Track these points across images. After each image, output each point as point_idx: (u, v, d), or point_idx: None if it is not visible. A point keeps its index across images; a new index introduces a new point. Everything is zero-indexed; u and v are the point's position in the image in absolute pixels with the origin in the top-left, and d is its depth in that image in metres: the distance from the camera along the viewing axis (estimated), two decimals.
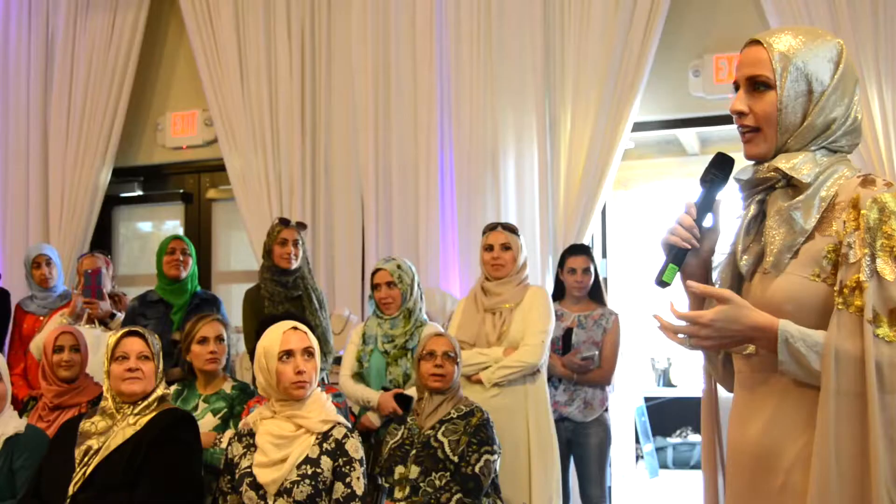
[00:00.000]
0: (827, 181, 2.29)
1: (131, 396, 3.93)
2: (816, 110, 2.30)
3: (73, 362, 4.90)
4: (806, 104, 2.31)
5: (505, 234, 5.29)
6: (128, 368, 3.93)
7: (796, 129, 2.32)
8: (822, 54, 2.32)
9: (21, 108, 8.20)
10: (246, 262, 7.73)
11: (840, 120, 2.32)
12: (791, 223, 2.28)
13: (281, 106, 7.32)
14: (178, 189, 8.24)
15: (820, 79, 2.30)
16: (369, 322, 5.39)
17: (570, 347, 5.56)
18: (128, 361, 3.94)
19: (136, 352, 3.96)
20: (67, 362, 4.88)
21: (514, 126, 6.71)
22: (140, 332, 4.04)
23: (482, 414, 4.53)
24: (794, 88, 2.31)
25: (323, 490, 3.67)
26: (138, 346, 3.98)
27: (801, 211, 2.27)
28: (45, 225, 8.04)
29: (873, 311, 2.12)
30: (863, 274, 2.14)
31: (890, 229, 2.15)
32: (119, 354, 3.95)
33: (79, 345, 4.95)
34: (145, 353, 3.98)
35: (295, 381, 3.77)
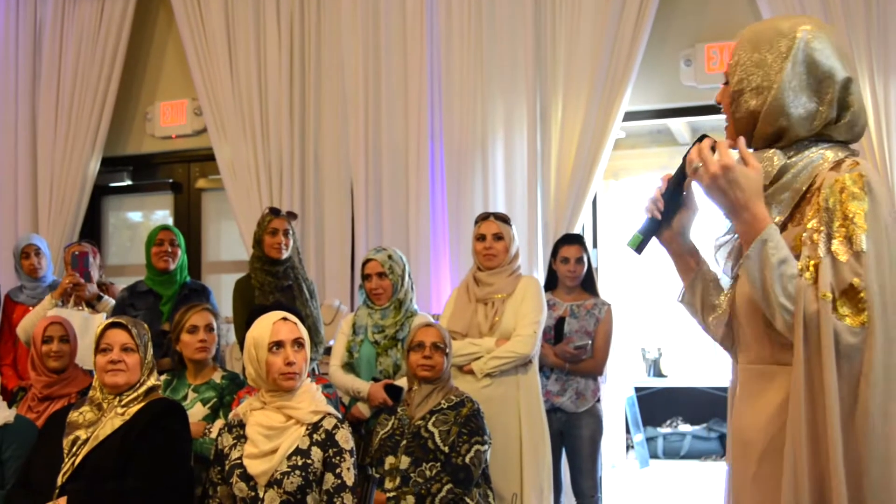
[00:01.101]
0: (802, 172, 2.27)
1: (114, 388, 3.90)
2: (765, 109, 2.29)
3: (62, 352, 4.88)
4: (752, 100, 2.31)
5: (497, 223, 5.28)
6: (110, 360, 3.90)
7: (751, 125, 2.34)
8: (770, 48, 2.30)
9: (9, 97, 8.16)
10: (236, 252, 7.72)
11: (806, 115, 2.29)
12: None
13: (270, 95, 7.30)
14: (167, 179, 8.22)
15: (767, 74, 2.29)
16: (359, 312, 5.38)
17: (563, 337, 5.55)
18: (111, 353, 3.91)
19: (120, 343, 3.93)
20: (56, 353, 4.86)
21: (504, 115, 6.70)
22: (124, 324, 4.01)
23: (472, 404, 4.52)
24: (741, 84, 2.33)
25: (313, 481, 3.66)
26: (122, 338, 3.95)
27: (770, 205, 2.26)
28: (34, 215, 8.01)
29: (831, 289, 2.10)
30: (819, 253, 2.13)
31: (847, 210, 2.14)
32: (104, 346, 3.93)
33: (68, 335, 4.93)
34: (129, 345, 3.94)
35: (285, 372, 3.76)
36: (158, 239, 5.88)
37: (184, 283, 5.90)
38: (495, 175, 6.69)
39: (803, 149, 2.30)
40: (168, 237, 5.89)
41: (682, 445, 9.64)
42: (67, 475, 3.74)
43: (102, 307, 5.96)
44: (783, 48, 2.29)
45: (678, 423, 9.81)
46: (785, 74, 2.27)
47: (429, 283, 6.72)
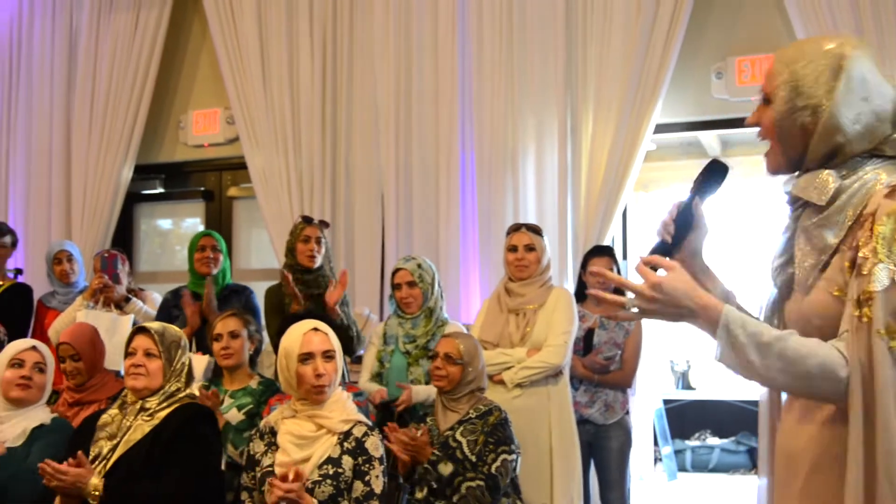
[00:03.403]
0: (856, 195, 2.23)
1: (135, 392, 3.94)
2: (819, 129, 2.27)
3: (78, 370, 4.86)
4: (804, 119, 2.28)
5: (529, 235, 5.28)
6: (133, 364, 3.95)
7: (800, 145, 2.31)
8: (817, 67, 2.27)
9: (44, 105, 8.24)
10: (266, 261, 7.75)
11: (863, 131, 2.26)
12: (815, 241, 2.26)
13: (302, 104, 7.33)
14: (199, 187, 8.27)
15: (816, 93, 2.26)
16: (390, 322, 5.39)
17: (592, 348, 5.55)
18: (134, 357, 3.95)
19: (143, 348, 3.97)
20: (71, 372, 4.88)
21: (535, 127, 6.71)
22: (149, 330, 4.04)
23: (500, 413, 4.51)
24: (789, 105, 2.29)
25: (344, 489, 3.67)
26: (145, 344, 3.98)
27: (825, 228, 2.24)
28: (67, 221, 8.07)
29: (885, 322, 2.06)
30: (873, 285, 2.08)
31: None
32: (130, 350, 3.98)
33: (79, 353, 4.86)
34: (152, 351, 3.97)
35: (315, 384, 3.77)
36: (200, 245, 5.93)
37: (225, 286, 5.94)
38: (525, 186, 6.69)
39: (857, 167, 2.27)
40: (210, 243, 5.95)
41: (710, 458, 9.60)
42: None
43: (131, 309, 6.03)
44: (833, 66, 2.26)
45: (707, 436, 9.77)
46: (838, 92, 2.24)
47: (458, 293, 6.72)
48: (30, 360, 4.36)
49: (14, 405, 4.30)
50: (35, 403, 4.37)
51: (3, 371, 4.32)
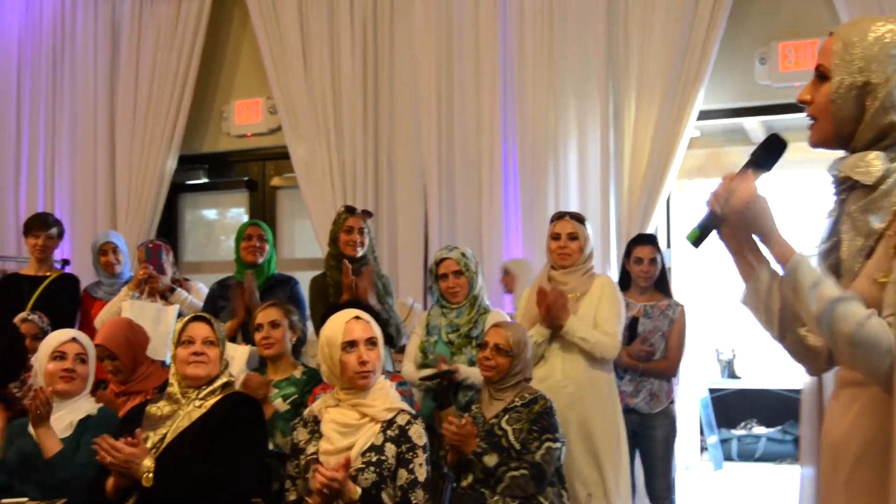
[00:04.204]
0: None
1: (196, 380, 3.95)
2: (876, 106, 2.25)
3: (117, 368, 4.88)
4: (862, 98, 2.26)
5: (572, 223, 5.24)
6: (193, 352, 3.96)
7: (853, 123, 2.28)
8: (878, 45, 2.25)
9: (88, 97, 8.31)
10: (310, 250, 7.77)
11: None
12: (860, 226, 2.23)
13: (344, 94, 7.34)
14: (242, 177, 8.31)
15: (879, 73, 2.24)
16: (432, 312, 5.37)
17: (636, 336, 5.52)
18: (193, 346, 3.97)
19: (202, 337, 3.99)
20: (112, 371, 4.92)
21: (577, 114, 6.68)
22: (206, 318, 4.07)
23: (545, 402, 4.50)
24: (848, 81, 2.27)
25: (388, 477, 3.67)
26: (204, 332, 4.00)
27: (870, 213, 2.22)
28: (112, 212, 8.15)
29: None
30: None
31: None
32: (185, 339, 3.99)
33: (115, 352, 4.87)
34: (210, 339, 4.00)
35: (359, 371, 3.77)
36: (247, 234, 5.96)
37: (270, 276, 5.96)
38: (568, 175, 6.67)
39: None
40: (256, 232, 5.98)
41: (756, 448, 9.54)
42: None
43: (176, 299, 6.07)
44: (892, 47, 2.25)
45: (753, 426, 9.72)
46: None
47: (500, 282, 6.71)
48: (71, 351, 4.39)
49: (59, 397, 4.33)
50: (79, 394, 4.40)
51: (46, 363, 4.35)
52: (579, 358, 5.04)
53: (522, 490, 4.27)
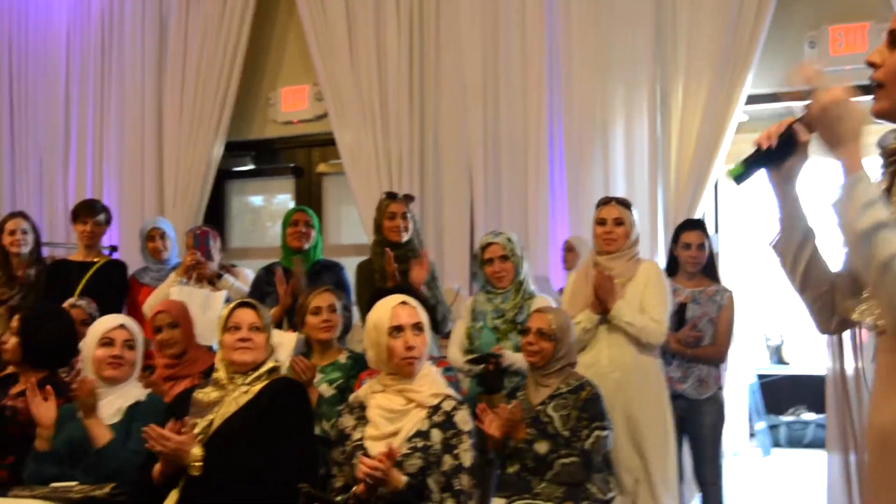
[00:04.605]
0: None
1: (242, 366, 3.97)
2: None
3: (175, 339, 4.98)
4: None
5: (618, 208, 5.20)
6: (240, 338, 3.97)
7: None
8: None
9: (136, 84, 8.36)
10: (356, 236, 7.78)
11: None
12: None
13: (390, 80, 7.34)
14: (289, 163, 8.34)
15: None
16: (478, 298, 5.35)
17: (685, 322, 5.48)
18: (240, 332, 3.98)
19: (248, 323, 4.00)
20: (168, 340, 4.97)
21: (624, 99, 6.64)
22: (252, 304, 4.09)
23: (592, 388, 4.47)
24: None
25: (434, 463, 3.67)
26: (250, 318, 4.02)
27: None
28: (159, 199, 8.21)
29: None
30: None
31: None
32: (231, 325, 4.00)
33: (176, 320, 5.01)
34: (257, 325, 4.01)
35: (405, 356, 3.77)
36: (293, 220, 5.98)
37: (316, 262, 5.98)
38: (615, 160, 6.64)
39: None
40: (303, 218, 5.99)
41: (805, 434, 9.48)
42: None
43: (223, 285, 6.08)
44: None
45: (801, 412, 9.64)
46: None
47: (547, 267, 6.69)
48: (119, 338, 4.41)
49: (107, 383, 4.37)
50: (127, 380, 4.43)
51: (94, 350, 4.39)
52: (626, 344, 5.00)
53: (572, 477, 4.26)
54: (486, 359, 4.95)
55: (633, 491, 4.92)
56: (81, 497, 3.99)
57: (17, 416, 4.47)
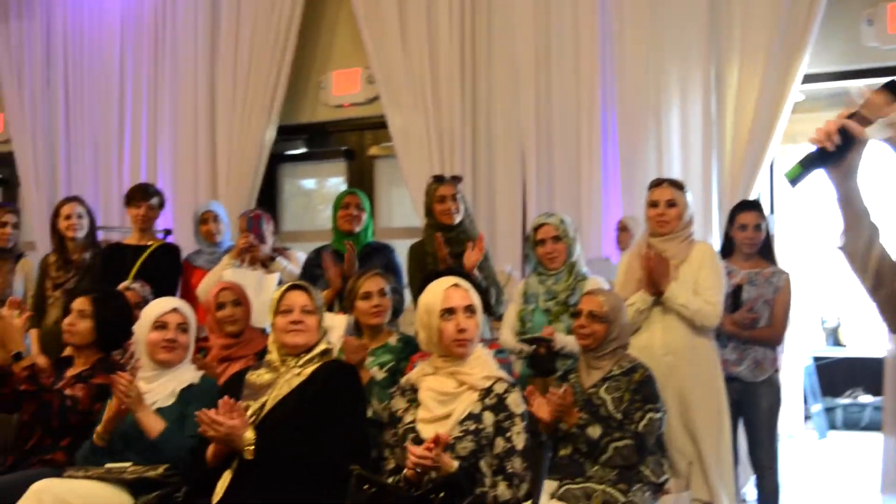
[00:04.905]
0: None
1: (294, 348, 3.99)
2: None
3: (237, 316, 5.04)
4: None
5: (670, 189, 5.15)
6: (292, 321, 3.99)
7: None
8: None
9: (189, 69, 8.41)
10: (407, 219, 7.78)
11: None
12: None
13: (441, 62, 7.31)
14: (340, 146, 8.35)
15: None
16: (529, 280, 5.33)
17: (740, 304, 5.42)
18: (292, 314, 4.00)
19: (300, 305, 4.02)
20: (230, 317, 5.03)
21: (678, 80, 6.58)
22: (304, 287, 4.10)
23: (645, 370, 4.45)
24: None
25: (486, 445, 3.66)
26: (302, 300, 4.04)
27: None
28: (213, 182, 8.26)
29: None
30: None
31: None
32: (284, 307, 4.03)
33: (240, 299, 5.07)
34: (308, 307, 4.03)
35: (457, 338, 3.76)
36: (345, 202, 5.99)
37: (367, 244, 5.99)
38: (669, 141, 6.58)
39: None
40: (354, 201, 6.01)
41: (861, 417, 9.39)
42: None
43: (276, 268, 6.11)
44: None
45: (858, 394, 9.54)
46: None
47: (600, 249, 6.65)
48: (172, 321, 4.43)
49: (161, 366, 4.40)
50: (180, 363, 4.46)
51: (148, 333, 4.42)
52: (680, 326, 4.96)
53: (625, 460, 4.24)
54: (537, 341, 4.94)
55: (686, 474, 4.89)
56: (135, 478, 4.03)
57: (77, 406, 4.51)
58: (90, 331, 4.79)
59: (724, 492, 4.96)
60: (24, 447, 4.57)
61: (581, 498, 4.11)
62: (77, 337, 4.78)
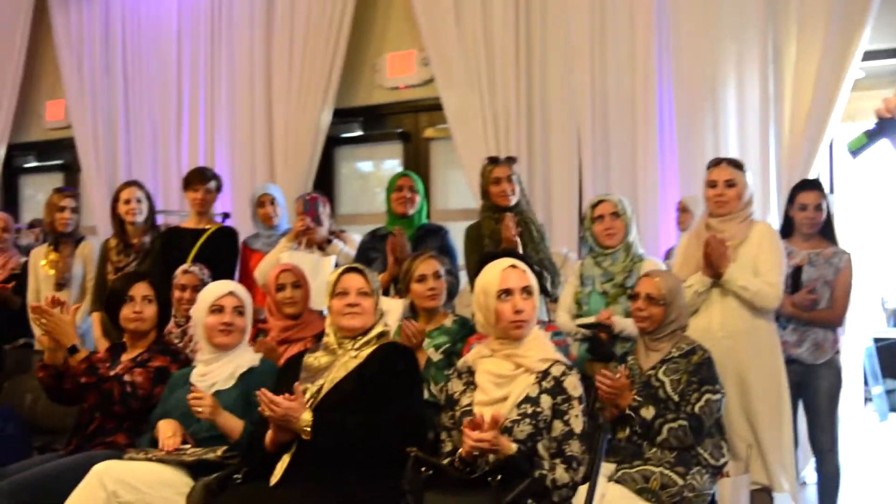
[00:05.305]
0: None
1: (351, 331, 4.01)
2: None
3: (296, 298, 5.07)
4: None
5: (730, 169, 5.09)
6: (348, 304, 4.01)
7: None
8: None
9: (245, 53, 8.46)
10: (463, 201, 7.77)
11: None
12: None
13: (496, 43, 7.29)
14: (396, 129, 8.35)
15: None
16: (585, 262, 5.30)
17: (800, 285, 5.36)
18: (348, 297, 4.02)
19: (356, 288, 4.04)
20: (290, 299, 5.06)
21: (735, 57, 6.51)
22: (360, 269, 4.11)
23: (703, 352, 4.41)
24: None
25: (543, 429, 3.65)
26: (358, 283, 4.06)
27: None
28: (270, 166, 8.31)
29: None
30: None
31: None
32: (340, 290, 4.05)
33: (299, 281, 5.10)
34: (364, 290, 4.05)
35: (514, 320, 3.75)
36: (398, 185, 6.01)
37: (421, 226, 5.99)
38: (726, 120, 6.52)
39: None
40: (407, 183, 6.02)
41: None
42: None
43: (332, 250, 6.12)
44: None
45: None
46: None
47: (657, 230, 6.61)
48: (229, 305, 4.47)
49: (218, 350, 4.43)
50: (238, 346, 4.49)
51: (205, 317, 4.45)
52: (739, 308, 4.92)
53: (681, 442, 4.21)
54: (596, 327, 4.92)
55: (745, 457, 4.85)
56: (194, 459, 4.07)
57: (137, 391, 4.56)
58: (156, 314, 4.85)
59: (784, 476, 4.91)
60: (86, 431, 4.63)
61: (639, 481, 4.09)
62: (147, 323, 4.84)
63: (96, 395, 4.47)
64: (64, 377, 4.50)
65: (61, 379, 4.50)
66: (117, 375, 4.60)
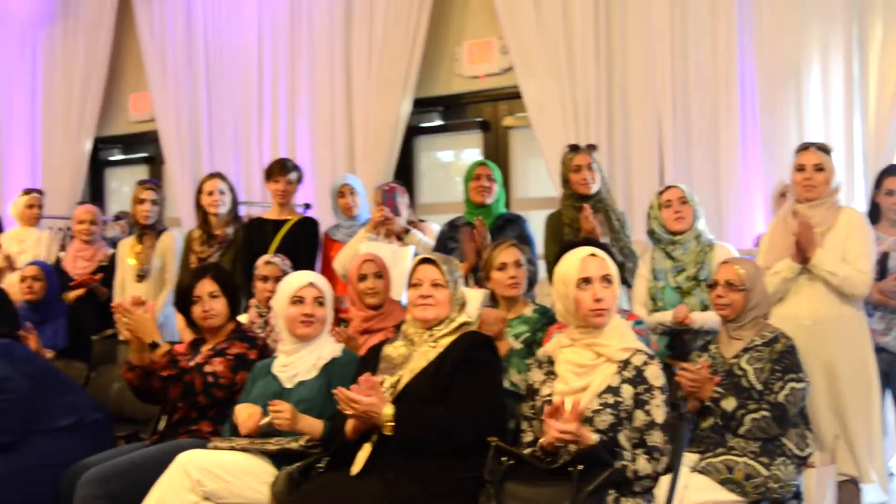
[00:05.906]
0: None
1: (424, 322, 4.00)
2: None
3: (378, 288, 5.10)
4: None
5: (818, 154, 5.01)
6: (421, 295, 4.01)
7: None
8: None
9: (325, 45, 8.50)
10: (544, 189, 7.73)
11: None
12: None
13: (576, 30, 7.23)
14: (475, 118, 8.33)
15: None
16: (656, 255, 5.27)
17: (887, 272, 5.25)
18: (421, 288, 4.02)
19: (430, 279, 4.03)
20: (372, 289, 5.09)
21: (819, 40, 6.39)
22: (434, 260, 4.10)
23: (787, 340, 4.35)
24: None
25: (624, 419, 3.62)
26: (432, 274, 4.04)
27: None
28: (350, 156, 8.34)
29: None
30: None
31: None
32: (415, 281, 4.05)
33: (381, 271, 5.12)
34: (438, 281, 4.03)
35: (593, 308, 3.72)
36: (476, 174, 6.01)
37: (499, 215, 5.98)
38: (809, 104, 6.40)
39: None
40: (485, 172, 6.02)
41: None
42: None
43: (411, 240, 6.13)
44: None
45: None
46: None
47: (739, 216, 6.53)
48: (309, 296, 4.48)
49: (300, 341, 4.45)
50: (319, 336, 4.50)
51: (286, 308, 4.47)
52: (827, 294, 4.85)
53: (764, 432, 4.16)
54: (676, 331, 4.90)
55: (832, 447, 4.77)
56: (278, 449, 4.10)
57: (219, 380, 4.60)
58: (226, 306, 4.89)
59: (872, 466, 4.84)
60: (171, 420, 4.70)
61: (723, 471, 4.06)
62: (218, 318, 4.88)
63: (179, 388, 4.52)
64: (151, 376, 4.56)
65: (149, 378, 4.57)
66: (197, 365, 4.65)
